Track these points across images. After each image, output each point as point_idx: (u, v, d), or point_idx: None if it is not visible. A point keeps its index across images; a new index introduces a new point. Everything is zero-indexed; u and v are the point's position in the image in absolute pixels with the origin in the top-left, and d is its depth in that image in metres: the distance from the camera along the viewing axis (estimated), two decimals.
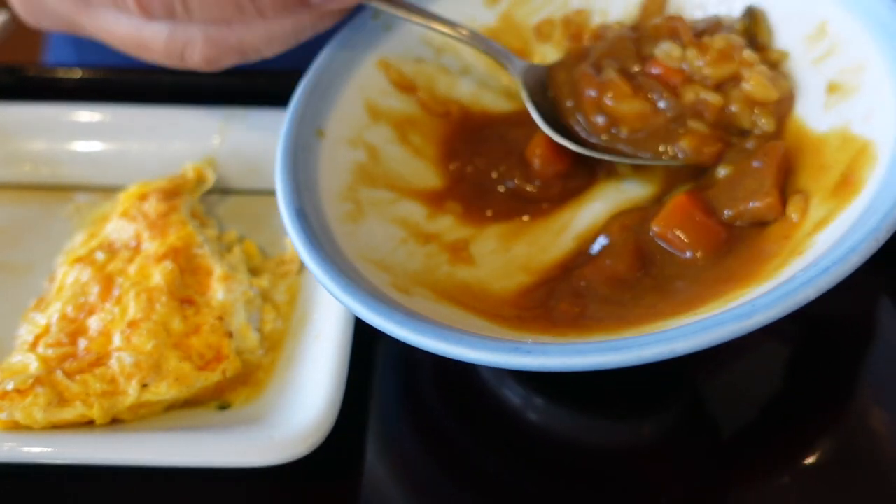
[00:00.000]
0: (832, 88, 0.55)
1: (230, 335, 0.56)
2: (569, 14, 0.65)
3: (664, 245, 0.53)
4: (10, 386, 0.52)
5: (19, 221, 0.67)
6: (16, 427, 0.52)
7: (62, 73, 0.79)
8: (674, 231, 0.53)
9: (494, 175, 0.60)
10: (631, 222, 0.55)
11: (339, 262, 0.50)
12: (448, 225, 0.58)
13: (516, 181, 0.59)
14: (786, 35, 0.59)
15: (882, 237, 0.44)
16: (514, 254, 0.57)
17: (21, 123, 0.69)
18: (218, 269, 0.59)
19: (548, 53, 0.65)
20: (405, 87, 0.62)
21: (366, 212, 0.56)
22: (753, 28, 0.59)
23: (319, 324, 0.56)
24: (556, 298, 0.53)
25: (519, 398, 0.57)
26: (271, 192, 0.67)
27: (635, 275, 0.52)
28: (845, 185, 0.50)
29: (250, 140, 0.68)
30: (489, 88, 0.64)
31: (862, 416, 0.57)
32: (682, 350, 0.43)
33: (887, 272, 0.63)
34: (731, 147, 0.57)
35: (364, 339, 0.56)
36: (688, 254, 0.52)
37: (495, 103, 0.64)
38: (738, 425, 0.55)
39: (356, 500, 0.53)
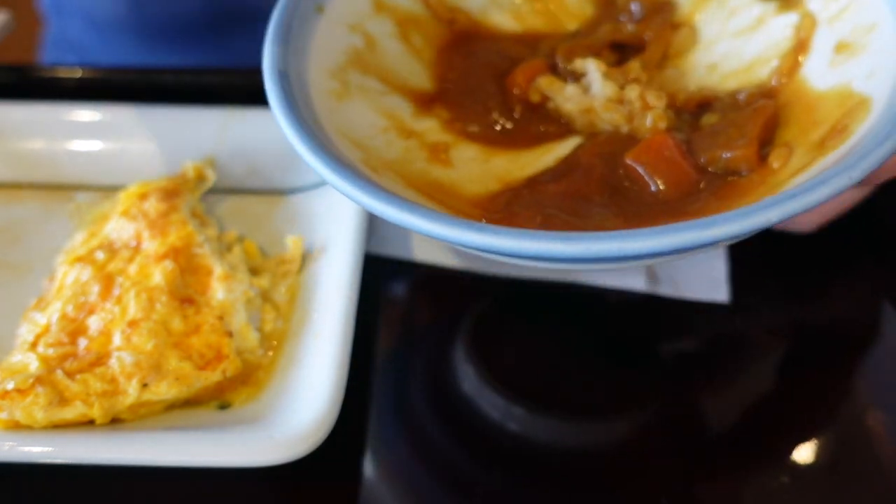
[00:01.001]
0: (840, 47, 0.55)
1: (230, 335, 0.56)
2: None
3: (634, 177, 0.52)
4: (10, 385, 0.52)
5: (19, 221, 0.67)
6: (16, 426, 0.52)
7: (63, 73, 0.79)
8: (644, 165, 0.52)
9: (482, 94, 0.60)
10: (601, 150, 0.55)
11: (313, 127, 0.49)
12: (432, 127, 0.58)
13: (496, 109, 0.59)
14: None
15: (856, 176, 0.43)
16: (493, 165, 0.56)
17: (21, 123, 0.69)
18: (218, 269, 0.59)
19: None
20: None
21: (352, 94, 0.55)
22: None
23: (319, 323, 0.56)
24: (519, 205, 0.52)
25: (519, 401, 0.57)
26: (271, 192, 0.68)
27: (600, 198, 0.52)
28: (834, 134, 0.49)
29: (250, 139, 0.68)
30: (500, 6, 0.64)
31: (861, 417, 0.57)
32: (632, 250, 0.41)
33: (886, 273, 0.63)
34: (719, 99, 0.57)
35: (364, 338, 0.56)
36: (654, 188, 0.52)
37: (503, 22, 0.63)
38: (737, 426, 0.55)
39: (356, 501, 0.53)
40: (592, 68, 0.58)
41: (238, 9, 0.89)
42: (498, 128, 0.58)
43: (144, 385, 0.53)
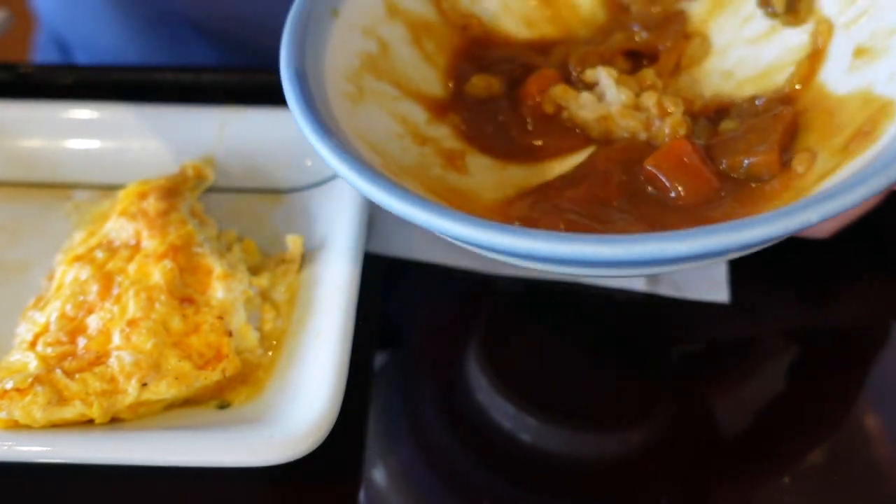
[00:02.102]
0: (859, 52, 0.54)
1: (230, 334, 0.56)
2: None
3: (654, 183, 0.52)
4: (9, 385, 0.52)
5: (18, 220, 0.67)
6: (15, 426, 0.52)
7: (61, 71, 0.79)
8: (665, 171, 0.52)
9: (494, 102, 0.59)
10: (619, 156, 0.54)
11: (333, 128, 0.49)
12: (446, 134, 0.57)
13: (509, 121, 0.58)
14: None
15: (893, 175, 0.42)
16: (509, 173, 0.56)
17: (20, 121, 0.69)
18: (218, 268, 0.58)
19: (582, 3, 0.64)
20: None
21: (367, 98, 0.55)
22: None
23: (319, 323, 0.56)
24: (539, 211, 0.52)
25: (518, 400, 0.57)
26: (271, 191, 0.68)
27: (619, 203, 0.51)
28: (859, 138, 0.49)
29: (250, 138, 0.68)
30: (512, 12, 0.63)
31: (862, 419, 0.57)
32: (674, 252, 0.41)
33: (887, 274, 0.63)
34: (736, 105, 0.56)
35: (364, 338, 0.56)
36: (675, 194, 0.51)
37: (516, 29, 0.63)
38: (736, 427, 0.55)
39: (356, 501, 0.53)
40: (604, 76, 0.57)
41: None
42: (512, 142, 0.57)
43: (144, 384, 0.53)
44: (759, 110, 0.55)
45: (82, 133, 0.69)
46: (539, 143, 0.57)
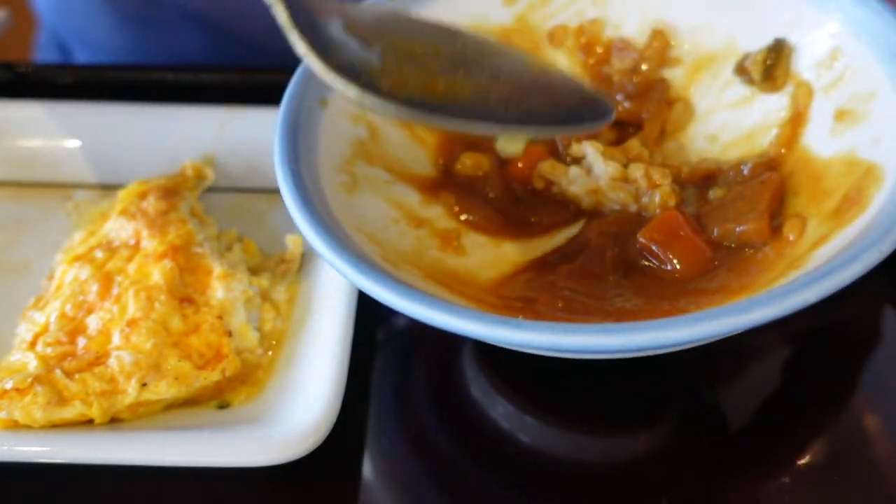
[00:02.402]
0: (840, 115, 0.55)
1: (230, 334, 0.56)
2: (583, 23, 0.65)
3: (648, 255, 0.53)
4: (9, 385, 0.52)
5: (18, 219, 0.67)
6: (15, 426, 0.52)
7: (61, 71, 0.79)
8: (658, 243, 0.53)
9: (485, 180, 0.60)
10: (610, 229, 0.55)
11: (332, 225, 0.49)
12: (440, 214, 0.58)
13: (497, 193, 0.59)
14: (797, 60, 0.59)
15: (886, 249, 0.44)
16: (504, 250, 0.56)
17: (20, 121, 0.69)
18: (217, 268, 0.58)
19: (558, 58, 0.65)
20: None
21: (361, 186, 0.55)
22: (775, 59, 0.59)
23: (319, 323, 0.56)
24: (536, 290, 0.52)
25: (517, 401, 0.57)
26: (271, 191, 0.68)
27: (614, 277, 0.52)
28: (849, 204, 0.50)
29: (249, 138, 0.68)
30: None
31: (861, 419, 0.57)
32: (676, 339, 0.42)
33: (888, 275, 0.63)
34: (723, 172, 0.57)
35: (364, 338, 0.56)
36: (670, 266, 0.52)
37: None
38: (736, 427, 0.55)
39: (355, 501, 0.53)
40: (591, 151, 0.58)
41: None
42: (505, 219, 0.58)
43: (143, 384, 0.53)
44: (747, 177, 0.56)
45: (82, 133, 0.69)
46: (532, 218, 0.58)
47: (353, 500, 0.53)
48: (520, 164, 0.59)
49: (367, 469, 0.53)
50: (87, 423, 0.53)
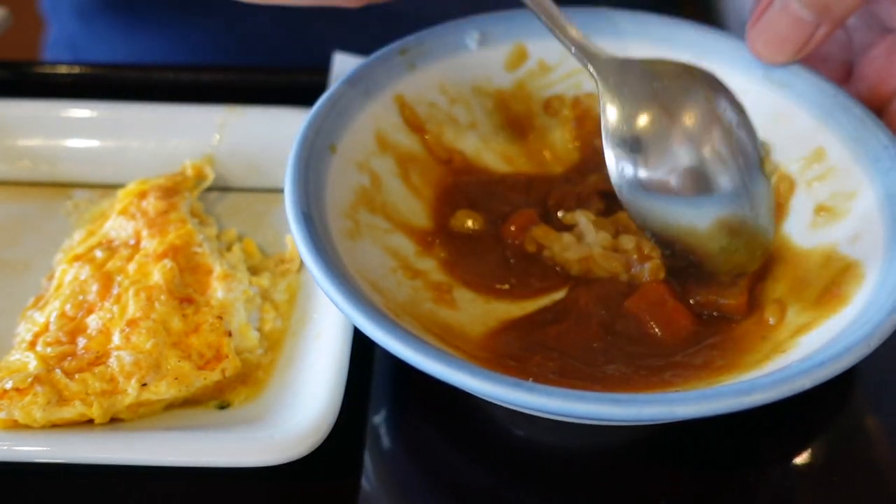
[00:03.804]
0: (820, 209, 0.57)
1: (230, 334, 0.56)
2: (580, 95, 0.66)
3: (634, 324, 0.55)
4: (9, 384, 0.52)
5: (17, 219, 0.66)
6: (15, 426, 0.52)
7: (61, 70, 0.79)
8: (644, 313, 0.55)
9: (478, 239, 0.61)
10: (598, 295, 0.56)
11: (342, 272, 0.50)
12: (433, 266, 0.59)
13: (492, 259, 0.60)
14: (782, 154, 0.60)
15: (873, 344, 0.46)
16: (493, 307, 0.57)
17: (20, 120, 0.69)
18: (217, 268, 0.58)
19: (551, 126, 0.66)
20: (415, 126, 0.63)
21: (363, 233, 0.56)
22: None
23: (319, 323, 0.56)
24: (525, 348, 0.54)
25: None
26: (271, 191, 0.68)
27: (599, 344, 0.54)
28: (829, 297, 0.52)
29: (249, 138, 0.68)
30: (492, 148, 0.65)
31: (861, 419, 0.57)
32: (682, 414, 0.44)
33: None
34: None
35: (364, 339, 0.55)
36: (655, 336, 0.54)
37: (496, 164, 0.65)
38: (736, 427, 0.55)
39: (355, 501, 0.53)
40: (583, 220, 0.59)
41: None
42: (494, 279, 0.59)
43: (143, 384, 0.53)
44: None
45: (82, 132, 0.68)
46: (522, 280, 0.59)
47: (353, 501, 0.53)
48: (512, 228, 0.60)
49: (367, 469, 0.53)
50: (87, 423, 0.53)
